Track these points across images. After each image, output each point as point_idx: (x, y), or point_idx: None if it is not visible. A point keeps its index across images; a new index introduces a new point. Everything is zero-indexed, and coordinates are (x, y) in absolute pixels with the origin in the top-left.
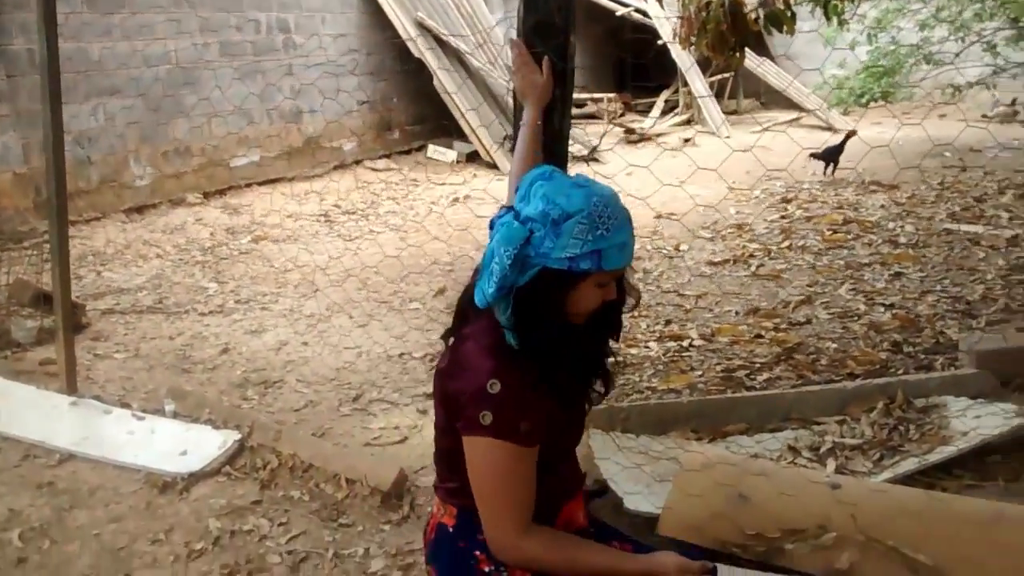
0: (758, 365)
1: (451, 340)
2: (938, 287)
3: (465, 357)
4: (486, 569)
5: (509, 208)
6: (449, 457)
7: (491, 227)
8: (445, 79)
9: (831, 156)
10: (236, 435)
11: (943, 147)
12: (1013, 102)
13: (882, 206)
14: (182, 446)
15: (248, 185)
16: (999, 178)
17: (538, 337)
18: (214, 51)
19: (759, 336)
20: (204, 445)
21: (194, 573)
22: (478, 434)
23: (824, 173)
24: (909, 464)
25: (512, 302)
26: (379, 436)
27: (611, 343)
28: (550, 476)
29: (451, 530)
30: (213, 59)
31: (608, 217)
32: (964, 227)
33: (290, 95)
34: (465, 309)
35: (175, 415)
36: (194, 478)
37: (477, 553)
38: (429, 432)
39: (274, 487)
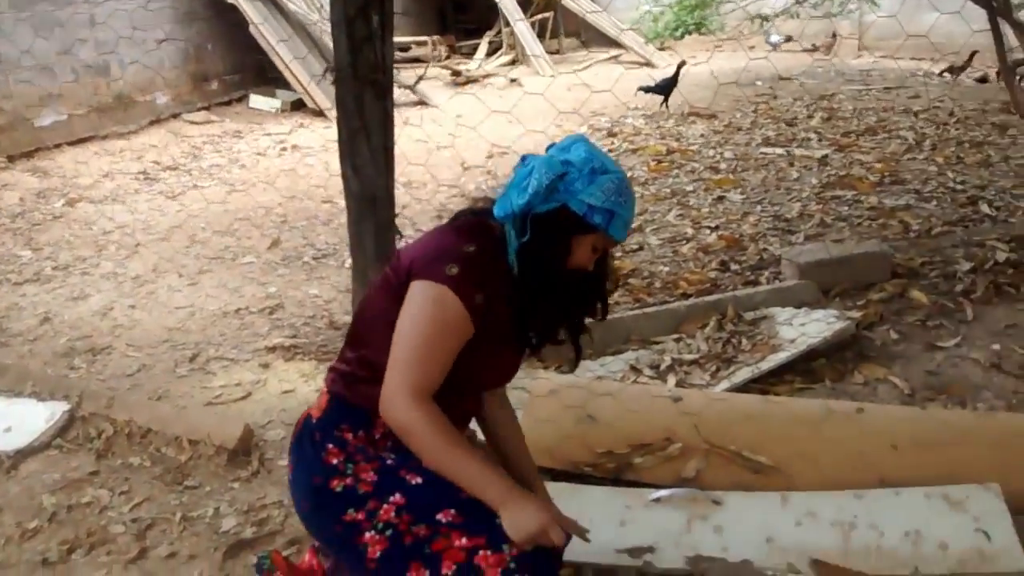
0: None
1: None
2: (759, 207)
3: (441, 233)
4: (333, 461)
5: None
6: (364, 325)
7: (523, 160)
8: (258, 19)
9: (666, 89)
10: (65, 406)
11: (754, 76)
12: (788, 38)
13: (702, 135)
14: (5, 422)
15: (57, 145)
16: (807, 103)
17: (537, 265)
18: (3, 2)
19: None
20: (30, 419)
21: (29, 553)
22: (436, 280)
23: (661, 105)
24: (744, 373)
25: (530, 225)
26: (220, 394)
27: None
28: (453, 396)
29: (314, 421)
30: (2, 11)
31: (629, 195)
32: (778, 150)
33: (94, 47)
34: None
35: None
36: (21, 455)
37: (329, 445)
38: (273, 387)
39: (111, 456)
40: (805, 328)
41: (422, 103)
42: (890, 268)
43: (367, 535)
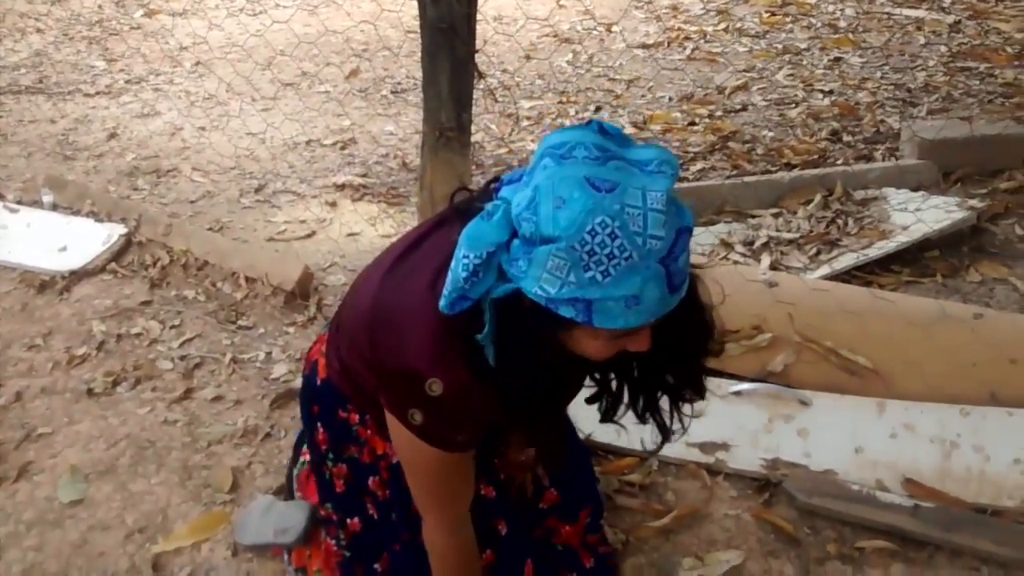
0: (692, 154)
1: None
2: (878, 74)
3: (408, 315)
4: (323, 449)
5: (521, 175)
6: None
7: (497, 189)
8: None
9: None
10: (122, 229)
11: None
12: None
13: None
14: (61, 241)
15: None
16: None
17: (524, 377)
18: None
19: (693, 123)
20: (86, 240)
21: (75, 381)
22: (405, 425)
23: None
24: (847, 259)
25: (489, 312)
26: (284, 230)
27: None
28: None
29: (317, 382)
30: None
31: (609, 255)
32: (906, 11)
33: None
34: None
35: (54, 207)
36: (75, 276)
37: (320, 427)
38: (338, 227)
39: (165, 286)
40: (921, 214)
41: None
42: None
43: (329, 541)
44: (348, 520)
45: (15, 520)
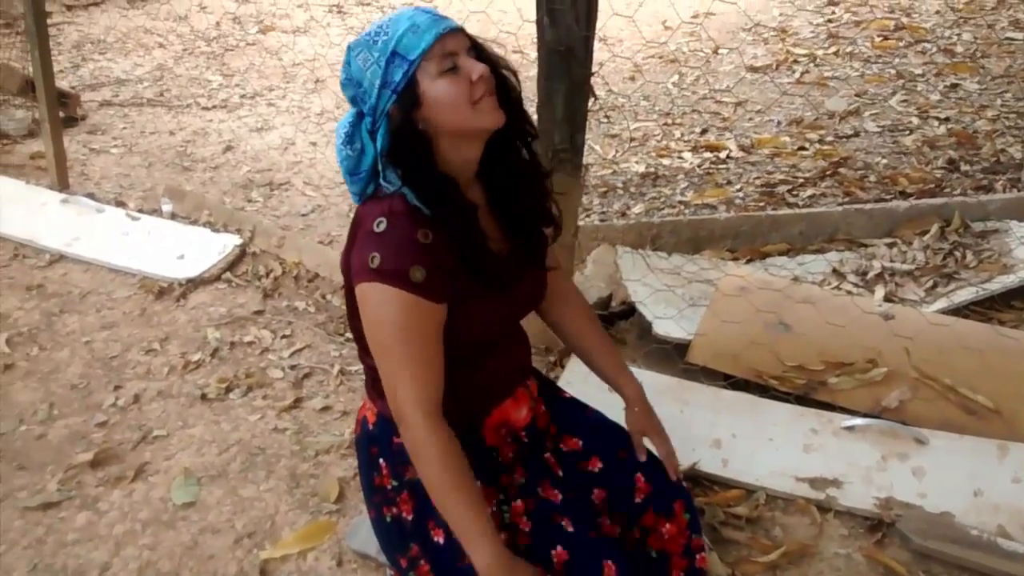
0: (801, 180)
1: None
2: (998, 101)
3: (359, 215)
4: (388, 486)
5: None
6: (360, 340)
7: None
8: None
9: None
10: (237, 239)
11: None
12: None
13: (937, 12)
14: (179, 249)
15: None
16: None
17: (434, 179)
18: None
19: (803, 148)
20: (203, 249)
21: (189, 386)
22: (367, 279)
23: None
24: (965, 293)
25: (389, 163)
26: None
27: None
28: (475, 372)
29: (370, 428)
30: None
31: (381, 28)
32: None
33: None
34: None
35: (173, 216)
36: (192, 284)
37: (382, 462)
38: None
39: (277, 296)
40: None
41: None
42: None
43: None
44: (421, 561)
45: (131, 518)
